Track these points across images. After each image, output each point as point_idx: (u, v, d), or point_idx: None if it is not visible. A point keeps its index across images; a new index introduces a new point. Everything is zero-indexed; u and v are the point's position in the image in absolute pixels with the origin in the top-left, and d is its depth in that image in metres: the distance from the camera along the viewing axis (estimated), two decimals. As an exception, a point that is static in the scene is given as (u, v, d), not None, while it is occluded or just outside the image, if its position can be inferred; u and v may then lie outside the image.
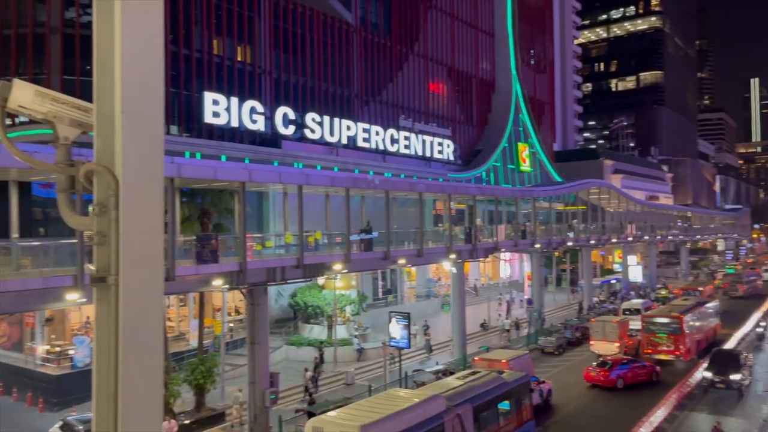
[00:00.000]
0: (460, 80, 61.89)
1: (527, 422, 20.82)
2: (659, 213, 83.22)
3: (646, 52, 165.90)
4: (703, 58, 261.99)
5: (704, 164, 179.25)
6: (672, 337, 34.59)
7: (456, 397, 17.98)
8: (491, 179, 60.50)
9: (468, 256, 38.61)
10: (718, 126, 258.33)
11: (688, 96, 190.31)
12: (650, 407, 24.63)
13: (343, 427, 15.09)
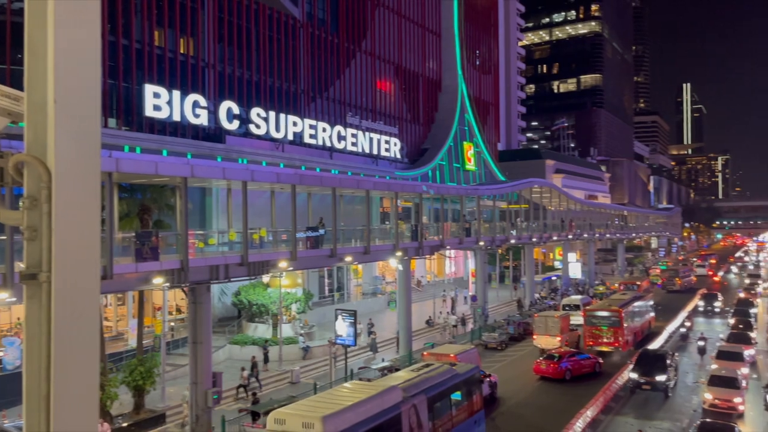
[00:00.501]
0: (407, 79, 62.28)
1: (477, 412, 21.76)
2: (598, 212, 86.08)
3: (587, 56, 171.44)
4: (639, 62, 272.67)
5: (639, 165, 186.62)
6: (612, 330, 36.41)
7: (411, 388, 18.60)
8: (437, 178, 61.16)
9: (414, 253, 38.92)
10: (653, 128, 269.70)
11: (625, 99, 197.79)
12: (591, 397, 25.97)
13: (305, 418, 15.37)
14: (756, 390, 29.00)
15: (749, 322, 41.76)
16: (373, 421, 16.19)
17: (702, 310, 53.89)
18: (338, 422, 15.35)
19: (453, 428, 19.99)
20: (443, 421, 19.52)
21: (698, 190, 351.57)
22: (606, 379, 29.65)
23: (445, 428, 19.55)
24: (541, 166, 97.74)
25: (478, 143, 70.30)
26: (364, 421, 15.96)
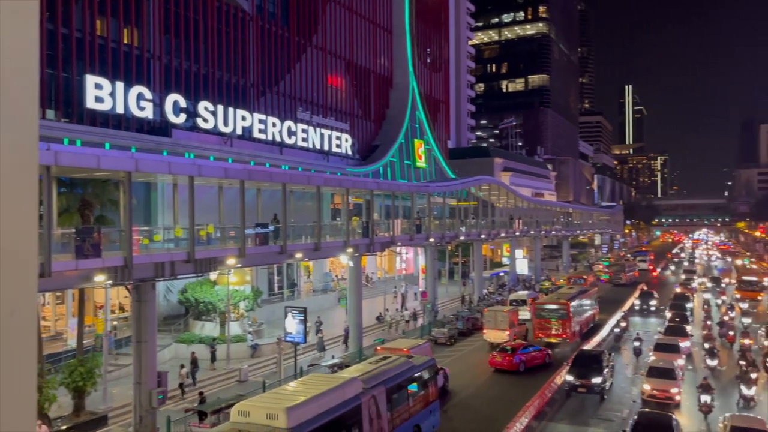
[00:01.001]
0: (358, 75, 62.19)
1: (433, 402, 22.73)
2: (544, 209, 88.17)
3: (534, 56, 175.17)
4: (584, 64, 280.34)
5: (584, 164, 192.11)
6: (560, 322, 38.03)
7: (371, 380, 19.25)
8: (388, 174, 61.37)
9: (365, 249, 38.96)
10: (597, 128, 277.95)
11: (571, 99, 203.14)
12: (539, 387, 27.07)
13: (269, 410, 15.61)
14: (691, 380, 30.28)
15: (685, 315, 43.51)
16: (335, 411, 16.76)
17: (638, 309, 52.90)
18: (301, 413, 15.70)
19: (410, 418, 20.78)
20: (401, 410, 20.28)
21: (639, 188, 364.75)
22: (554, 370, 30.68)
23: (402, 418, 20.30)
24: (490, 164, 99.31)
25: (428, 141, 70.88)
26: (327, 411, 16.48)
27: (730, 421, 20.32)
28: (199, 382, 29.19)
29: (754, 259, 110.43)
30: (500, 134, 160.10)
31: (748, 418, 20.95)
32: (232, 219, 29.08)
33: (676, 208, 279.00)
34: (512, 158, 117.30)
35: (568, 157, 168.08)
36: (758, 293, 57.71)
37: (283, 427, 15.18)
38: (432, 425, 22.54)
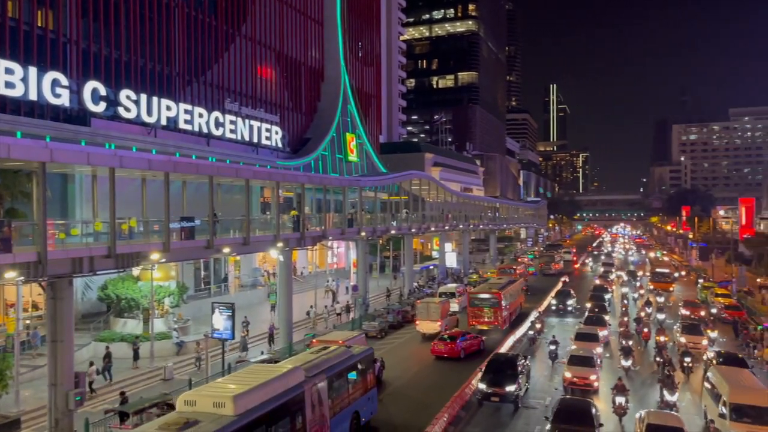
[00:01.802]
0: (289, 66, 61.27)
1: (371, 389, 23.67)
2: (473, 204, 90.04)
3: (464, 54, 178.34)
4: (512, 63, 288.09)
5: (511, 160, 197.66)
6: (492, 310, 40.66)
7: (313, 368, 19.95)
8: (320, 168, 60.90)
9: (296, 244, 38.52)
10: (523, 126, 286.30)
11: (499, 97, 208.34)
12: (470, 373, 28.60)
13: (216, 398, 15.96)
14: (608, 368, 31.76)
15: (604, 306, 45.57)
16: (279, 399, 17.35)
17: (554, 309, 49.55)
18: (248, 401, 16.15)
19: (350, 405, 21.63)
20: (341, 398, 21.10)
21: (562, 184, 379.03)
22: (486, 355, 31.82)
23: (342, 405, 21.11)
24: (420, 159, 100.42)
25: (360, 135, 70.86)
26: (271, 399, 17.04)
27: (646, 418, 20.12)
28: (121, 381, 28.05)
29: (666, 252, 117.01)
30: (431, 130, 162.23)
31: (663, 415, 20.86)
32: (156, 213, 28.01)
33: (596, 203, 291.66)
34: (442, 154, 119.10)
35: (495, 154, 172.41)
36: (670, 284, 61.11)
37: (230, 415, 15.53)
38: (370, 412, 23.44)
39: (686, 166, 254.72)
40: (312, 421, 18.73)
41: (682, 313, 44.94)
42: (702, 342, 34.74)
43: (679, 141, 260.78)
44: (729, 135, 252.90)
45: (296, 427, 17.96)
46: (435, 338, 36.00)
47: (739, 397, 21.30)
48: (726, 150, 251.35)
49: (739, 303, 48.88)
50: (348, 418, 21.42)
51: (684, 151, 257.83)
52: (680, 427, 19.37)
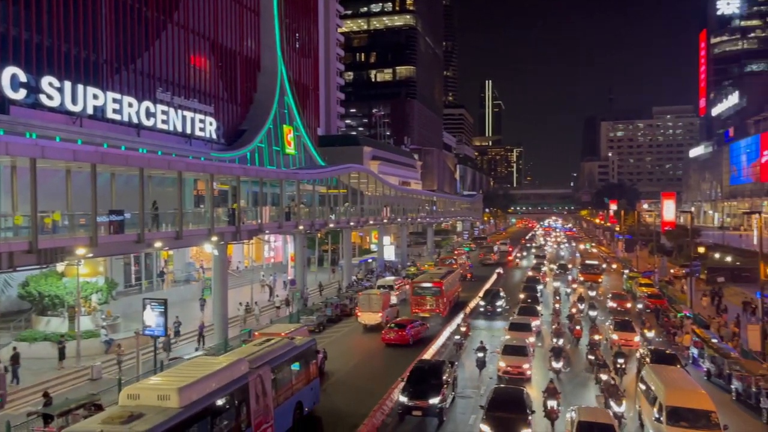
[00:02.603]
0: (223, 56, 59.76)
1: (314, 380, 24.12)
2: (411, 197, 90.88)
3: (402, 48, 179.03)
4: (449, 58, 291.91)
5: (447, 154, 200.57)
6: (434, 298, 43.02)
7: (257, 360, 20.18)
8: (256, 160, 59.84)
9: (231, 238, 37.77)
10: (459, 121, 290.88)
11: (436, 92, 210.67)
12: (407, 358, 30.05)
13: (161, 391, 15.84)
14: (540, 356, 32.76)
15: (536, 296, 47.01)
16: (224, 390, 17.47)
17: (482, 310, 46.07)
18: (193, 392, 16.16)
19: (293, 395, 22.00)
20: (285, 388, 21.43)
21: (497, 178, 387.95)
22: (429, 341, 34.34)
23: (286, 395, 21.46)
24: (359, 152, 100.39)
25: (298, 127, 70.06)
26: (216, 390, 17.18)
27: (577, 416, 19.69)
28: (45, 382, 26.71)
29: (595, 244, 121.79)
30: (369, 123, 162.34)
31: (595, 412, 20.38)
32: (83, 206, 26.80)
33: (529, 197, 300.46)
34: (380, 147, 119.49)
35: (433, 148, 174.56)
36: (599, 276, 63.53)
37: (176, 407, 15.50)
38: (313, 402, 23.91)
39: (613, 161, 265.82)
40: (256, 412, 19.00)
41: (610, 306, 46.31)
42: (634, 339, 34.28)
43: (607, 137, 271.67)
44: (653, 132, 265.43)
45: (241, 418, 18.19)
46: (377, 329, 37.86)
47: (676, 399, 20.07)
48: (650, 146, 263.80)
49: (661, 292, 51.39)
50: (291, 408, 21.82)
51: (611, 147, 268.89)
52: (611, 423, 19.03)
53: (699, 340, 33.25)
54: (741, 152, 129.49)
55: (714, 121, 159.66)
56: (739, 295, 48.94)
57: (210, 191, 36.17)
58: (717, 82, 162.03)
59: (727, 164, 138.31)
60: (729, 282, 53.99)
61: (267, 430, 19.64)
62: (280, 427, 20.79)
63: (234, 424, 17.76)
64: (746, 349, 31.87)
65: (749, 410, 24.64)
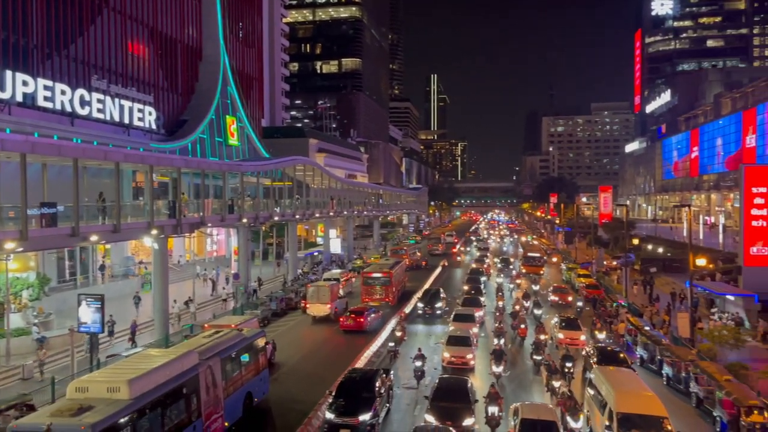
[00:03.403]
0: (164, 44, 57.88)
1: (263, 370, 24.43)
2: (357, 190, 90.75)
3: (348, 40, 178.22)
4: (394, 51, 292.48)
5: (393, 148, 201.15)
6: (384, 288, 45.23)
7: (207, 351, 20.35)
8: (198, 152, 58.36)
9: (172, 231, 36.80)
10: (405, 114, 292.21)
11: (382, 84, 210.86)
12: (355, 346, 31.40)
13: (110, 383, 15.87)
14: (484, 346, 33.41)
15: (480, 288, 47.89)
16: (174, 381, 17.60)
17: (421, 312, 41.99)
18: (143, 384, 16.26)
19: (243, 385, 22.25)
20: (235, 379, 21.67)
21: (442, 172, 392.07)
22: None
23: (236, 386, 21.70)
24: (304, 144, 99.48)
25: (241, 118, 68.71)
26: (167, 382, 17.28)
27: (520, 412, 19.37)
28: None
29: (536, 236, 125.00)
30: (315, 115, 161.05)
31: (538, 408, 20.09)
32: (12, 198, 25.52)
33: (473, 190, 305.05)
34: (326, 139, 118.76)
35: (379, 141, 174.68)
36: (540, 268, 65.14)
37: (126, 399, 15.56)
38: (262, 392, 24.20)
39: (554, 155, 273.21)
40: (207, 403, 19.22)
41: (552, 299, 46.80)
42: (580, 337, 32.95)
43: (548, 132, 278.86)
44: (591, 128, 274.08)
45: (191, 409, 18.34)
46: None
47: (627, 405, 18.93)
48: (588, 141, 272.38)
49: (598, 282, 53.26)
50: (241, 398, 22.05)
51: (552, 141, 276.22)
52: (554, 420, 18.88)
53: (633, 327, 34.68)
54: (672, 148, 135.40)
55: (648, 118, 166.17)
56: (671, 285, 51.24)
57: (149, 183, 35.08)
58: (651, 80, 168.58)
59: (660, 159, 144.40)
60: (661, 272, 56.45)
61: (217, 420, 19.85)
62: (231, 417, 20.97)
63: (185, 416, 17.91)
64: (676, 336, 33.41)
65: (679, 394, 25.88)
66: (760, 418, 19.86)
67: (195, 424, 18.39)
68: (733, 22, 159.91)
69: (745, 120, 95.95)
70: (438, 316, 41.68)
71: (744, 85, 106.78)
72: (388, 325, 36.93)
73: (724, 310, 38.44)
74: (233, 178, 49.17)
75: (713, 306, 40.08)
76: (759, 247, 37.69)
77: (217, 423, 19.86)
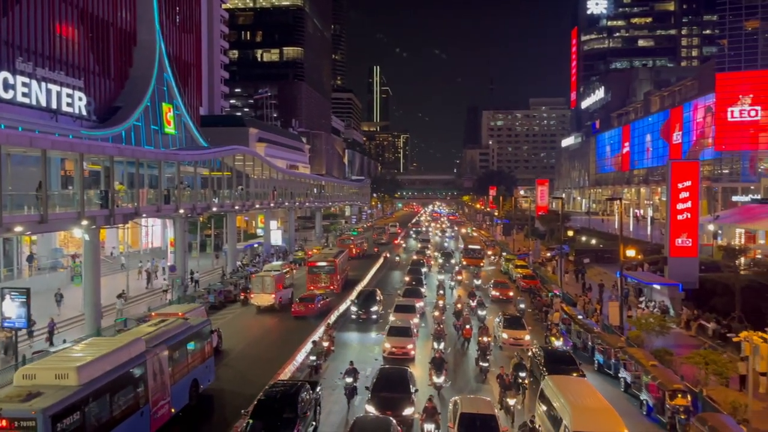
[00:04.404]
0: (95, 26, 55.33)
1: (209, 358, 24.81)
2: (298, 181, 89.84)
3: (289, 28, 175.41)
4: (337, 42, 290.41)
5: (336, 139, 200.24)
6: (329, 276, 46.67)
7: (153, 339, 20.69)
8: (132, 139, 56.25)
9: (104, 222, 35.40)
10: (348, 105, 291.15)
11: (324, 75, 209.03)
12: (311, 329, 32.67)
13: (59, 370, 16.16)
14: (424, 336, 33.77)
15: (421, 279, 48.42)
16: (122, 368, 17.96)
17: (355, 317, 37.92)
18: (92, 371, 16.61)
19: (189, 373, 22.56)
20: (181, 366, 21.98)
21: (384, 163, 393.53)
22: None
23: (182, 373, 22.01)
24: (244, 133, 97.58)
25: (178, 105, 66.67)
26: (115, 368, 17.61)
27: (460, 406, 19.05)
28: None
29: (475, 228, 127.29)
30: (255, 104, 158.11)
31: (477, 402, 19.76)
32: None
33: (415, 182, 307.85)
34: (267, 129, 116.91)
35: (321, 132, 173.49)
36: (480, 260, 66.05)
37: (74, 385, 15.87)
38: (208, 379, 24.61)
39: (493, 149, 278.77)
40: (154, 389, 19.60)
41: (493, 294, 45.60)
42: (524, 336, 31.38)
43: (488, 126, 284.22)
44: (529, 122, 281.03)
45: (139, 395, 18.72)
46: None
47: (585, 423, 17.15)
48: (527, 136, 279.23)
49: (534, 273, 54.76)
50: (187, 385, 22.46)
51: (492, 135, 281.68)
52: (492, 414, 18.72)
53: (567, 316, 35.85)
54: (606, 143, 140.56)
55: (583, 114, 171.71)
56: (602, 275, 53.26)
57: (80, 172, 33.56)
58: (586, 77, 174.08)
59: (594, 154, 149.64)
60: (593, 263, 58.58)
61: (164, 406, 20.28)
62: (177, 403, 21.42)
63: (132, 402, 18.30)
64: (607, 324, 34.77)
65: (609, 379, 26.99)
66: (683, 401, 20.91)
67: (143, 410, 18.79)
68: (662, 23, 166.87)
69: (672, 117, 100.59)
70: (374, 321, 37.35)
71: (672, 83, 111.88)
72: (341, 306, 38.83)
73: (652, 298, 40.26)
74: (170, 167, 47.66)
75: (641, 295, 41.92)
76: (683, 239, 39.58)
77: (164, 409, 20.27)
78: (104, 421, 16.70)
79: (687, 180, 39.84)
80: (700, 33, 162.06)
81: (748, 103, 78.03)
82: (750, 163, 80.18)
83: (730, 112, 79.34)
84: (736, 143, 79.74)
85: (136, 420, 18.27)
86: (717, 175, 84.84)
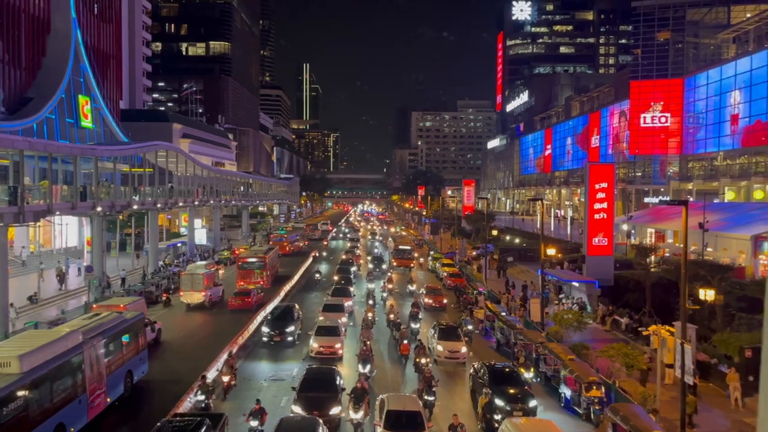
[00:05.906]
0: (3, 12, 51.97)
1: (143, 350, 26.01)
2: (225, 179, 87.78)
3: (216, 22, 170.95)
4: (266, 37, 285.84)
5: (264, 136, 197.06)
6: (260, 271, 48.25)
7: (90, 331, 21.51)
8: (45, 133, 53.20)
9: (12, 219, 33.32)
10: (276, 102, 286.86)
11: (252, 71, 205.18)
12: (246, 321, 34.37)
13: (1, 358, 16.87)
14: (352, 334, 33.78)
15: (350, 278, 48.43)
16: (61, 358, 18.91)
17: (267, 340, 31.56)
18: (33, 359, 17.48)
19: (124, 364, 23.67)
20: (116, 358, 23.07)
21: (314, 162, 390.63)
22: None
23: (117, 364, 23.08)
24: (168, 129, 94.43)
25: (96, 98, 63.59)
26: (55, 358, 18.53)
27: (387, 404, 19.09)
28: None
29: (404, 227, 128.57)
30: (180, 99, 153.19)
31: (403, 399, 19.86)
32: None
33: (345, 181, 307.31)
34: (192, 125, 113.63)
35: (249, 128, 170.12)
36: (411, 261, 66.19)
37: (17, 372, 16.70)
38: (142, 371, 25.73)
39: (422, 149, 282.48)
40: (91, 379, 20.62)
41: (426, 302, 42.66)
42: (461, 349, 28.69)
43: (417, 127, 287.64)
44: (457, 124, 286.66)
45: (77, 384, 19.75)
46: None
47: None
48: (454, 137, 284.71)
49: (461, 271, 55.90)
50: (122, 376, 23.52)
51: (421, 136, 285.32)
52: (418, 410, 18.87)
53: (491, 313, 36.81)
54: (529, 146, 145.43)
55: (508, 117, 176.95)
56: (525, 273, 55.03)
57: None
58: (511, 81, 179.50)
59: (518, 156, 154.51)
60: (516, 261, 60.46)
61: (101, 395, 21.39)
62: (113, 393, 22.50)
63: (71, 390, 19.29)
64: (529, 321, 35.96)
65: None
66: (597, 393, 21.90)
67: (80, 398, 19.85)
68: (582, 31, 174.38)
69: (591, 122, 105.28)
70: (290, 344, 31.59)
71: (590, 89, 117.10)
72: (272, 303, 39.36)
73: (571, 295, 41.97)
74: (86, 162, 45.42)
75: (561, 292, 43.62)
76: (600, 238, 41.46)
77: (101, 398, 21.41)
78: (45, 408, 17.63)
79: (603, 182, 41.74)
80: (616, 42, 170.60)
81: (659, 110, 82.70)
82: (660, 166, 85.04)
83: (643, 118, 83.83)
84: (648, 148, 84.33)
85: (74, 408, 19.33)
86: (631, 178, 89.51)
